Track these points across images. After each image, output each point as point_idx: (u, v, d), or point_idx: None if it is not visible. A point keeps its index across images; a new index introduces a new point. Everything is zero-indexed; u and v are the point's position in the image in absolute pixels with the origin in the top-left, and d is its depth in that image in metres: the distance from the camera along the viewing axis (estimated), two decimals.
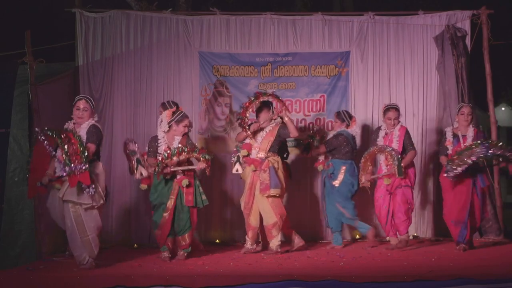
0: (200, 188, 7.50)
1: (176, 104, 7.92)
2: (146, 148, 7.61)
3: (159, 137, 7.45)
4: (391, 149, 7.87)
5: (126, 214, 8.95)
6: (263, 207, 7.77)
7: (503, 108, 31.05)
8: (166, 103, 8.00)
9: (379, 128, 8.29)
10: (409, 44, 9.26)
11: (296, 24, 9.28)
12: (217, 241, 9.01)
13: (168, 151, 7.15)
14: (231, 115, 9.24)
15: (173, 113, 7.47)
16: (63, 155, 6.36)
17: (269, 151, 7.85)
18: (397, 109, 8.11)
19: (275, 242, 7.75)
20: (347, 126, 8.38)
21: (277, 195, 7.74)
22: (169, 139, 7.43)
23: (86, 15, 9.03)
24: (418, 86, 9.22)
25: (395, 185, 7.95)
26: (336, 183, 8.24)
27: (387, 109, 8.16)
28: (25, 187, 7.64)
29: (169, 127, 7.43)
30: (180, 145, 7.27)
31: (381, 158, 8.15)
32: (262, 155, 7.83)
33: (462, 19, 9.12)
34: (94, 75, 9.03)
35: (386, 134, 8.11)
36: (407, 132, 8.07)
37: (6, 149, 7.52)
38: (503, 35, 10.00)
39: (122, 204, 8.94)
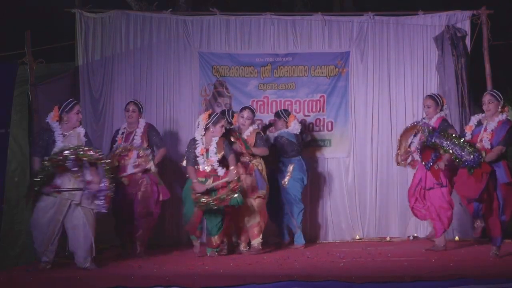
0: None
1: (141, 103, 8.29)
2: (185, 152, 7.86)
3: (196, 139, 7.65)
4: (422, 122, 7.74)
5: None
6: (248, 208, 7.87)
7: None
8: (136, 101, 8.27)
9: (423, 118, 8.16)
10: (409, 45, 9.24)
11: (296, 25, 9.26)
12: None
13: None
14: None
15: (209, 115, 7.67)
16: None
17: (251, 154, 7.97)
18: (433, 98, 7.92)
19: (258, 240, 7.92)
20: (286, 123, 8.48)
21: (263, 196, 7.93)
22: (206, 141, 7.62)
23: (86, 16, 9.01)
24: (418, 86, 9.19)
25: (427, 184, 7.72)
26: (285, 182, 8.39)
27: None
28: (25, 186, 7.59)
29: (206, 129, 7.61)
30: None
31: (416, 139, 7.85)
32: (245, 159, 7.95)
33: (462, 19, 9.10)
34: (94, 75, 9.02)
35: None
36: (442, 121, 7.78)
37: (6, 149, 7.51)
38: (503, 35, 9.98)
39: None
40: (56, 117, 6.85)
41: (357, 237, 9.08)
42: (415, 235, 9.07)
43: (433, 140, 7.20)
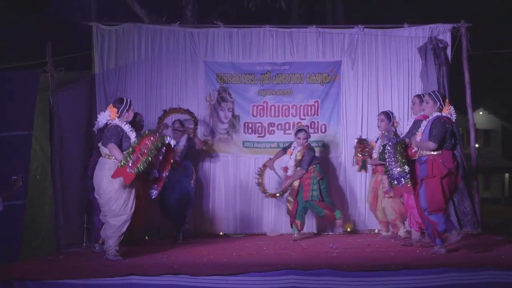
0: (316, 185, 8.21)
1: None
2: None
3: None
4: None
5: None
6: (386, 206, 8.03)
7: (480, 113, 31.27)
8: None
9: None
10: (395, 54, 9.26)
11: (293, 36, 9.28)
12: (221, 233, 9.06)
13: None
14: (233, 118, 9.26)
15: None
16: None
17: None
18: (418, 96, 7.65)
19: (402, 230, 8.00)
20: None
21: (392, 196, 7.92)
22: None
23: (102, 28, 9.00)
24: (404, 93, 9.19)
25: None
26: (192, 182, 8.46)
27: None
28: (46, 183, 7.83)
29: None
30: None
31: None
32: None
33: (444, 32, 9.09)
34: (109, 83, 8.99)
35: None
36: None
37: (29, 150, 7.47)
38: (481, 45, 9.99)
39: None
40: (115, 115, 6.70)
41: (348, 229, 9.09)
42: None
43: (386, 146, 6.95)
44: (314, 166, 8.33)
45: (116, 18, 9.30)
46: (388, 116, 8.04)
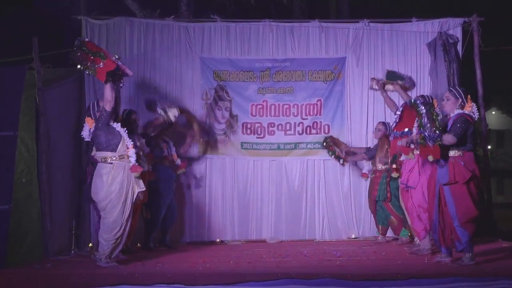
0: (384, 185, 8.30)
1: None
2: None
3: None
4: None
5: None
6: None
7: (493, 112, 31.28)
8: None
9: None
10: (402, 50, 9.26)
11: (294, 31, 9.29)
12: (218, 240, 9.06)
13: None
14: (231, 118, 9.26)
15: None
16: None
17: None
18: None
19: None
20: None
21: None
22: None
23: (92, 22, 8.98)
24: (411, 91, 8.87)
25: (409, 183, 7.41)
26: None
27: None
28: (32, 187, 7.76)
29: None
30: None
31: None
32: None
33: (454, 26, 9.10)
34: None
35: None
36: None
37: (14, 151, 7.47)
38: (495, 40, 9.97)
39: None
40: (92, 122, 6.99)
41: (353, 236, 9.10)
42: (409, 234, 8.99)
43: (417, 102, 6.65)
44: (386, 165, 8.39)
45: (107, 11, 9.28)
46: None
